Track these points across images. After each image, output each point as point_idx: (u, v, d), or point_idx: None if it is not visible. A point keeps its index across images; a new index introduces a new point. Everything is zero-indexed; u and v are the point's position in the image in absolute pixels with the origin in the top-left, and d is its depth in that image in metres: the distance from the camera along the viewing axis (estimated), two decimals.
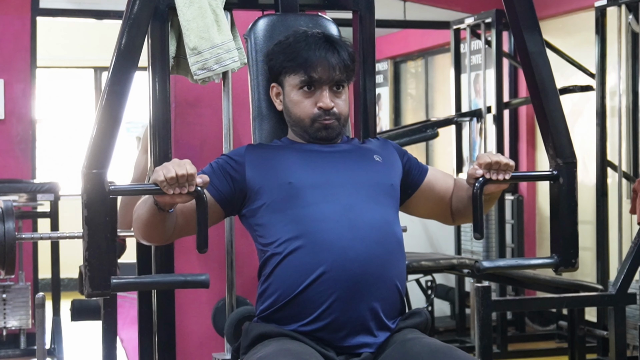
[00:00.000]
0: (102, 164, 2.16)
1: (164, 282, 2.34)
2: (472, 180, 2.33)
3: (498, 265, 2.59)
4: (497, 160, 2.30)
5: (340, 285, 2.20)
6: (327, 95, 2.33)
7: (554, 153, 2.45)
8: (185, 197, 2.15)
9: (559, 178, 2.45)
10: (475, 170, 2.32)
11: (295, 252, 2.22)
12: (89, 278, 2.15)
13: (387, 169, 2.39)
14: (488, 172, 2.32)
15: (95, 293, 2.15)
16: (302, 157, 2.34)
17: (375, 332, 2.24)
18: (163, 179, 2.12)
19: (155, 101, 2.56)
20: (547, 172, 2.47)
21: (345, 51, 2.36)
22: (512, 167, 2.33)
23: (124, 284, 2.23)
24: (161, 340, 2.66)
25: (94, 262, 2.15)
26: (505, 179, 2.33)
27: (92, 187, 2.16)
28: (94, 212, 2.16)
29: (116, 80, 2.22)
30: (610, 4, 5.23)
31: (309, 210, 2.25)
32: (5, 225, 3.29)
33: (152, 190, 2.16)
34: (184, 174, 2.12)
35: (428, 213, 2.54)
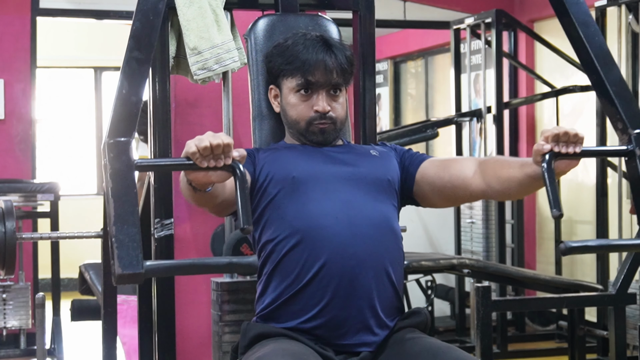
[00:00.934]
0: (126, 132, 1.98)
1: (206, 265, 2.02)
2: (539, 157, 2.09)
3: (587, 245, 2.26)
4: (566, 131, 2.07)
5: (339, 281, 2.20)
6: (323, 98, 2.33)
7: (623, 126, 2.22)
8: (221, 173, 1.96)
9: (635, 151, 2.22)
10: (542, 145, 2.08)
11: (294, 248, 2.23)
12: (117, 257, 1.87)
13: (384, 163, 2.38)
14: (557, 145, 2.08)
15: (127, 274, 1.86)
16: (302, 153, 2.34)
17: (374, 330, 2.24)
18: (195, 151, 1.92)
19: (155, 101, 2.57)
20: (620, 148, 2.24)
21: (342, 54, 2.35)
22: (582, 138, 2.10)
23: (159, 268, 1.96)
24: (161, 340, 2.66)
25: (124, 238, 1.88)
26: (575, 152, 2.09)
27: (116, 157, 1.94)
28: (120, 183, 1.92)
29: (136, 45, 2.08)
30: (610, 4, 5.23)
31: (309, 206, 2.25)
32: (5, 225, 3.29)
33: (184, 165, 1.95)
34: (219, 144, 1.93)
35: (444, 201, 2.39)
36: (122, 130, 1.98)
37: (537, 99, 6.56)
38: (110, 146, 1.96)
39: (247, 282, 2.55)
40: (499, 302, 4.12)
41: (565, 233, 6.40)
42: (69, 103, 9.42)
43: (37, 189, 5.40)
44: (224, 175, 1.97)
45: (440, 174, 2.33)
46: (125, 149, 1.96)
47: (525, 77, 6.93)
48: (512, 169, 2.20)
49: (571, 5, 2.29)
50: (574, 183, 6.48)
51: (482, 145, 6.21)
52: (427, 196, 2.39)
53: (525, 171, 2.15)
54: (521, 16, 6.80)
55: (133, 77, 2.04)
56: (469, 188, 2.29)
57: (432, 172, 2.35)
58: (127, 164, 1.93)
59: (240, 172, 1.94)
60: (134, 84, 2.04)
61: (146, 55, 2.07)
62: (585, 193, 6.11)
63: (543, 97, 6.43)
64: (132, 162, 1.95)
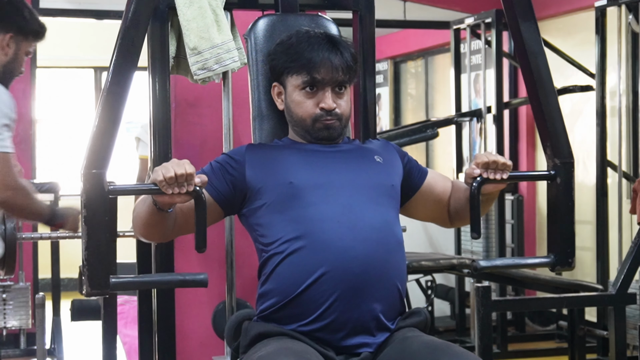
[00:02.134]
0: (102, 164, 2.16)
1: (162, 281, 2.35)
2: (470, 180, 2.33)
3: (495, 264, 2.61)
4: (495, 160, 2.30)
5: (341, 285, 2.20)
6: (329, 96, 2.33)
7: (551, 153, 2.45)
8: (184, 196, 2.15)
9: (557, 178, 2.44)
10: (473, 169, 2.32)
11: (296, 252, 2.22)
12: (88, 277, 2.15)
13: (388, 170, 2.39)
14: (486, 172, 2.32)
15: (95, 292, 2.16)
16: (303, 157, 2.34)
17: (374, 333, 2.24)
18: (162, 179, 2.12)
19: (155, 101, 2.57)
20: (544, 172, 2.47)
21: (347, 52, 2.36)
22: (509, 166, 2.33)
23: (123, 283, 2.22)
24: (161, 340, 2.66)
25: (93, 261, 2.15)
26: (503, 178, 2.33)
27: (91, 187, 2.16)
28: (93, 211, 2.15)
29: (115, 81, 2.21)
30: (610, 4, 5.23)
31: (309, 210, 2.25)
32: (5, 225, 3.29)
33: (152, 190, 2.17)
34: (182, 174, 2.12)
35: (426, 216, 2.55)
36: (98, 163, 2.16)
37: None
38: (86, 177, 2.16)
39: None
40: (499, 302, 4.12)
41: None
42: (69, 103, 9.42)
43: (37, 188, 5.38)
44: (186, 198, 2.16)
45: (444, 192, 2.50)
46: (100, 180, 2.16)
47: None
48: (460, 192, 2.47)
49: (527, 35, 2.45)
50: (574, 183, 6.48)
51: (482, 145, 6.21)
52: (418, 208, 2.51)
53: (466, 195, 2.41)
54: None
55: (110, 112, 2.20)
56: (445, 208, 2.52)
57: (437, 188, 2.49)
58: (101, 194, 2.16)
59: (200, 198, 2.16)
60: (111, 119, 2.20)
61: (124, 89, 2.22)
62: (585, 193, 6.11)
63: None
64: (105, 191, 2.16)
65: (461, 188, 2.46)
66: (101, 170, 2.16)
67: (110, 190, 2.17)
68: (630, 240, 4.65)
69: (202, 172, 2.30)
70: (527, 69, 2.47)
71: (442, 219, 2.54)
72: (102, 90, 2.23)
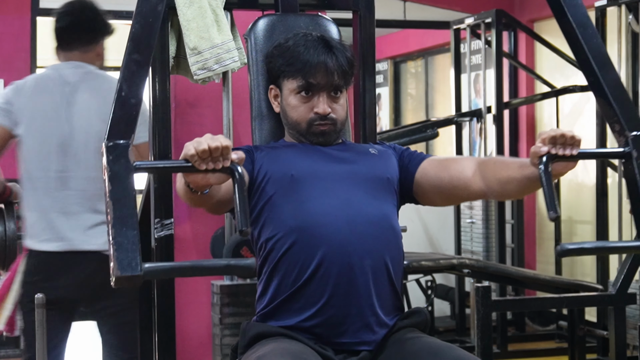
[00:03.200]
0: (125, 134, 1.99)
1: (203, 268, 2.09)
2: (537, 159, 2.08)
3: (583, 247, 2.28)
4: (563, 133, 2.07)
5: (338, 279, 2.20)
6: (324, 100, 2.33)
7: (620, 128, 2.23)
8: (219, 175, 1.96)
9: (632, 152, 2.21)
10: (540, 147, 2.08)
11: (292, 247, 2.22)
12: (116, 259, 1.88)
13: (383, 162, 2.38)
14: (554, 147, 2.07)
15: (125, 277, 1.87)
16: (302, 152, 2.34)
17: (374, 328, 2.24)
18: (194, 153, 1.93)
19: (155, 101, 2.57)
20: (618, 150, 2.25)
21: (343, 56, 2.34)
22: (579, 141, 2.09)
23: (158, 270, 1.99)
24: (161, 340, 2.66)
25: (122, 241, 1.90)
26: (572, 154, 2.09)
27: (115, 160, 1.96)
28: (119, 186, 1.93)
29: (135, 48, 2.10)
30: (610, 4, 5.23)
31: (308, 204, 2.25)
32: (6, 225, 3.29)
33: (183, 167, 1.95)
34: (217, 146, 1.93)
35: (443, 200, 2.40)
36: (121, 133, 1.99)
37: (537, 99, 6.57)
38: (109, 149, 1.97)
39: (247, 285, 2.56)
40: (499, 302, 4.12)
41: (565, 233, 6.41)
42: None
43: None
44: (222, 178, 1.97)
45: (440, 174, 2.34)
46: (124, 151, 1.96)
47: (525, 77, 6.93)
48: (510, 170, 2.21)
49: (569, 7, 2.29)
50: (574, 183, 6.48)
51: (482, 145, 6.21)
52: (427, 195, 2.40)
53: (523, 173, 2.16)
54: (521, 16, 6.81)
55: (132, 80, 2.06)
56: (469, 188, 2.30)
57: (432, 172, 2.36)
58: (126, 167, 1.94)
59: (239, 175, 1.94)
60: (133, 86, 2.05)
61: (145, 58, 2.09)
62: (585, 193, 6.11)
63: (543, 97, 6.43)
64: (130, 164, 1.95)
65: (509, 165, 2.24)
66: (126, 141, 1.99)
67: (136, 166, 1.98)
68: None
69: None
70: (577, 45, 2.28)
71: (467, 197, 2.37)
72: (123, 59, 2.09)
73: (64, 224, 3.05)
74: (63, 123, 3.09)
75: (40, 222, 3.09)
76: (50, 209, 3.08)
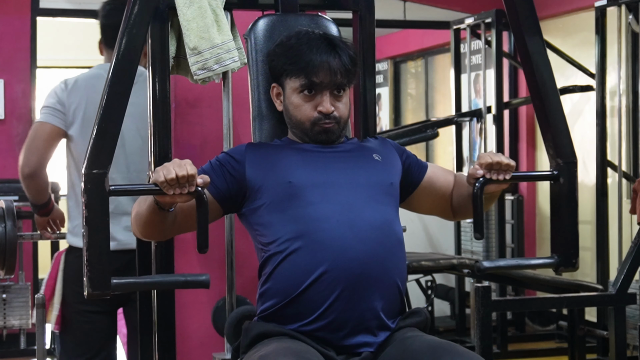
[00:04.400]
0: (103, 164, 2.16)
1: (164, 282, 2.34)
2: (473, 180, 2.32)
3: (498, 265, 2.59)
4: (498, 161, 2.29)
5: (341, 285, 2.20)
6: (327, 99, 2.33)
7: (554, 153, 2.44)
8: (186, 197, 2.15)
9: (560, 178, 2.44)
10: (476, 170, 2.31)
11: (295, 252, 2.22)
12: (89, 278, 2.14)
13: (387, 168, 2.39)
14: (489, 172, 2.30)
15: (96, 294, 2.15)
16: (302, 156, 2.34)
17: (375, 332, 2.24)
18: (163, 180, 2.12)
19: (155, 101, 2.56)
20: (547, 172, 2.46)
21: (346, 55, 2.35)
22: (512, 167, 2.32)
23: (124, 284, 2.22)
24: (161, 340, 2.66)
25: (94, 262, 2.14)
26: (505, 179, 2.32)
27: (92, 187, 2.15)
28: (94, 212, 2.15)
29: (116, 81, 2.21)
30: (610, 4, 5.23)
31: (309, 209, 2.25)
32: (5, 225, 3.29)
33: (153, 190, 2.16)
34: (184, 175, 2.12)
35: (429, 209, 2.54)
36: (99, 163, 2.16)
37: None
38: (88, 177, 2.15)
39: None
40: (499, 302, 4.12)
41: None
42: None
43: None
44: (187, 198, 2.16)
45: (446, 186, 2.50)
46: (101, 180, 2.15)
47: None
48: (462, 188, 2.46)
49: (528, 36, 2.45)
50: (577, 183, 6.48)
51: (482, 145, 6.21)
52: (418, 203, 2.50)
53: (468, 191, 2.38)
54: None
55: (112, 111, 2.20)
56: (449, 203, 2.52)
57: (438, 183, 2.48)
58: (102, 195, 2.15)
59: (202, 198, 2.16)
60: (113, 118, 2.20)
61: (126, 89, 2.23)
62: (585, 193, 6.11)
63: None
64: (106, 192, 2.15)
65: (464, 183, 2.46)
66: (102, 170, 2.16)
67: (111, 190, 2.17)
68: (630, 240, 4.65)
69: (202, 170, 2.31)
70: (529, 69, 2.46)
71: (444, 212, 2.54)
72: (103, 90, 2.23)
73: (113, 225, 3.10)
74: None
75: None
76: None
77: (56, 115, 3.16)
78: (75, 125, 3.14)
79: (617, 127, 5.40)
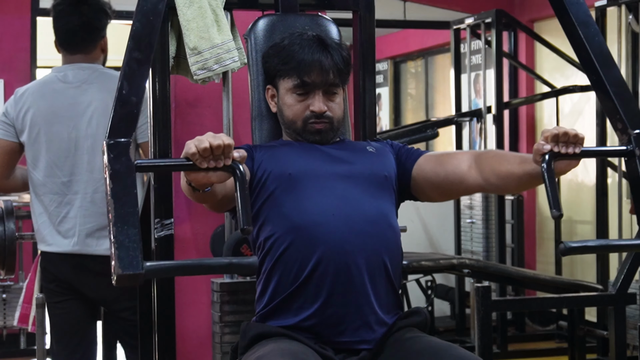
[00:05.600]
0: (126, 133, 1.99)
1: (205, 266, 2.04)
2: (539, 157, 2.08)
3: (587, 245, 2.27)
4: (566, 132, 2.06)
5: (337, 278, 2.20)
6: (319, 99, 2.33)
7: (623, 126, 2.21)
8: (221, 173, 1.96)
9: (635, 150, 2.21)
10: (542, 145, 2.07)
11: (291, 246, 2.22)
12: (118, 258, 1.87)
13: (381, 160, 2.38)
14: (557, 145, 2.07)
15: (126, 275, 1.86)
16: (299, 150, 2.34)
17: (373, 327, 2.24)
18: (195, 151, 1.93)
19: (155, 101, 2.56)
20: (621, 148, 2.24)
21: (339, 54, 2.35)
22: (582, 139, 2.09)
23: (159, 269, 1.98)
24: (161, 340, 2.66)
25: (123, 239, 1.89)
26: (575, 152, 2.09)
27: (116, 158, 1.95)
28: (120, 184, 1.93)
29: (136, 46, 2.09)
30: (610, 4, 5.23)
31: (305, 203, 2.25)
32: (5, 225, 3.29)
33: (185, 165, 1.95)
34: (219, 145, 1.93)
35: (441, 195, 2.40)
36: (122, 131, 1.99)
37: (537, 99, 6.57)
38: (110, 147, 1.97)
39: (247, 283, 2.55)
40: (499, 302, 4.12)
41: (565, 233, 6.41)
42: None
43: None
44: (223, 176, 1.97)
45: (437, 169, 2.33)
46: (125, 149, 1.97)
47: (525, 77, 6.93)
48: (510, 165, 2.19)
49: (571, 5, 2.29)
50: (574, 183, 6.48)
51: (482, 145, 6.21)
52: (425, 191, 2.39)
53: (524, 168, 2.15)
54: (521, 16, 6.80)
55: (133, 78, 2.06)
56: (465, 182, 2.28)
57: (428, 167, 2.35)
58: (127, 165, 1.94)
59: (241, 173, 1.94)
60: (134, 84, 2.05)
61: (146, 56, 2.09)
62: (585, 193, 6.12)
63: (543, 97, 6.43)
64: (131, 163, 1.96)
65: (509, 159, 2.23)
66: (126, 139, 1.99)
67: (137, 165, 1.98)
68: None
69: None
70: (579, 43, 2.27)
71: (467, 190, 2.34)
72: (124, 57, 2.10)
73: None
74: (68, 126, 3.08)
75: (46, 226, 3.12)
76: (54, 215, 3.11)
77: (5, 130, 3.16)
78: (25, 132, 3.13)
79: None
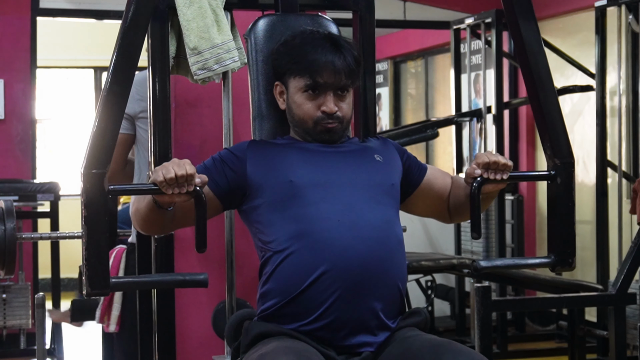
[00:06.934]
0: (102, 164, 2.17)
1: (162, 282, 2.34)
2: (470, 180, 2.33)
3: (495, 264, 2.59)
4: (496, 160, 2.30)
5: (341, 285, 2.20)
6: (331, 99, 2.33)
7: (551, 153, 2.44)
8: (184, 196, 2.17)
9: (557, 178, 2.44)
10: (474, 169, 2.32)
11: (296, 251, 2.22)
12: (88, 277, 2.16)
13: (388, 169, 2.39)
14: (486, 172, 2.31)
15: (95, 292, 2.16)
16: (304, 155, 2.34)
17: (375, 332, 2.24)
18: (162, 180, 2.13)
19: (155, 101, 2.57)
20: (544, 172, 2.46)
21: (351, 55, 2.35)
22: (510, 167, 2.33)
23: (123, 284, 2.25)
24: (161, 340, 2.66)
25: (93, 261, 2.16)
26: (503, 178, 2.33)
27: (91, 187, 2.16)
28: (93, 212, 2.16)
29: (115, 80, 2.21)
30: (610, 4, 5.23)
31: (309, 209, 2.25)
32: (5, 225, 3.29)
33: (152, 190, 2.18)
34: (183, 175, 2.13)
35: (426, 211, 2.54)
36: (98, 163, 2.17)
37: None
38: (86, 177, 2.16)
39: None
40: (499, 302, 4.12)
41: None
42: (69, 103, 9.42)
43: (37, 189, 5.40)
44: (187, 198, 2.17)
45: (444, 188, 2.49)
46: (100, 180, 2.16)
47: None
48: (459, 190, 2.47)
49: (525, 31, 2.44)
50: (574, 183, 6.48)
51: (482, 145, 6.21)
52: (416, 204, 2.50)
53: (466, 192, 2.41)
54: None
55: (111, 111, 2.20)
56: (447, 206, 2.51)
57: (437, 185, 2.49)
58: (101, 194, 2.16)
59: (201, 198, 2.18)
60: (111, 118, 2.20)
61: (125, 89, 2.22)
62: (585, 193, 6.11)
63: None
64: (105, 191, 2.16)
65: (461, 185, 2.46)
66: (101, 170, 2.16)
67: (110, 190, 2.17)
68: (630, 240, 4.65)
69: (203, 165, 2.32)
70: (527, 69, 2.46)
71: (441, 215, 2.54)
72: (102, 89, 2.23)
73: None
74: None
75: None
76: None
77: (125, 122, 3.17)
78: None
79: (617, 127, 5.40)
